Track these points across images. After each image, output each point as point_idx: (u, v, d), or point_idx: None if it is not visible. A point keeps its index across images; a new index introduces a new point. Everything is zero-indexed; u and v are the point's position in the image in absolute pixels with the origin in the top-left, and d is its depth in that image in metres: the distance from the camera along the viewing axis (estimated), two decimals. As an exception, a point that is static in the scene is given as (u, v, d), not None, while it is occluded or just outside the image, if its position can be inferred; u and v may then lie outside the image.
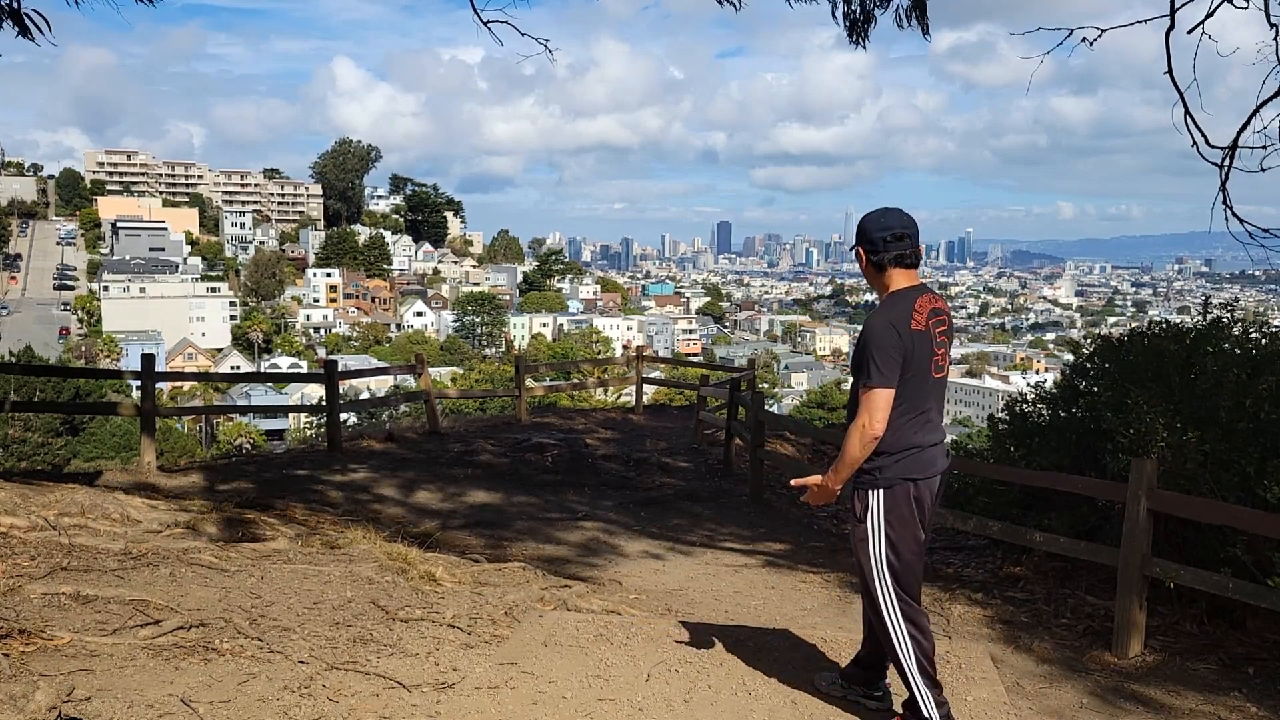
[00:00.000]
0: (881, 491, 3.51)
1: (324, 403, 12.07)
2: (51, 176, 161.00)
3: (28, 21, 6.77)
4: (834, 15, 7.89)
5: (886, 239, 3.50)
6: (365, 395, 21.14)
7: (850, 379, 3.67)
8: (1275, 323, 7.96)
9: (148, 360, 10.69)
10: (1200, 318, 7.14)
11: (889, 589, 3.55)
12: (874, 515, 3.53)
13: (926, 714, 3.54)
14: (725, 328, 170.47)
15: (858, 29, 7.89)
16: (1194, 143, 6.55)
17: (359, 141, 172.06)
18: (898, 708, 3.76)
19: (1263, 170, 6.29)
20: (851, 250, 3.65)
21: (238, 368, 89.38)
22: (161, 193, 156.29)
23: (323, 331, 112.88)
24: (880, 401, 3.39)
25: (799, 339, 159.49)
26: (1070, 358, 8.07)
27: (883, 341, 3.40)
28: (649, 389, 18.05)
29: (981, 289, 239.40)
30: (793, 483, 3.77)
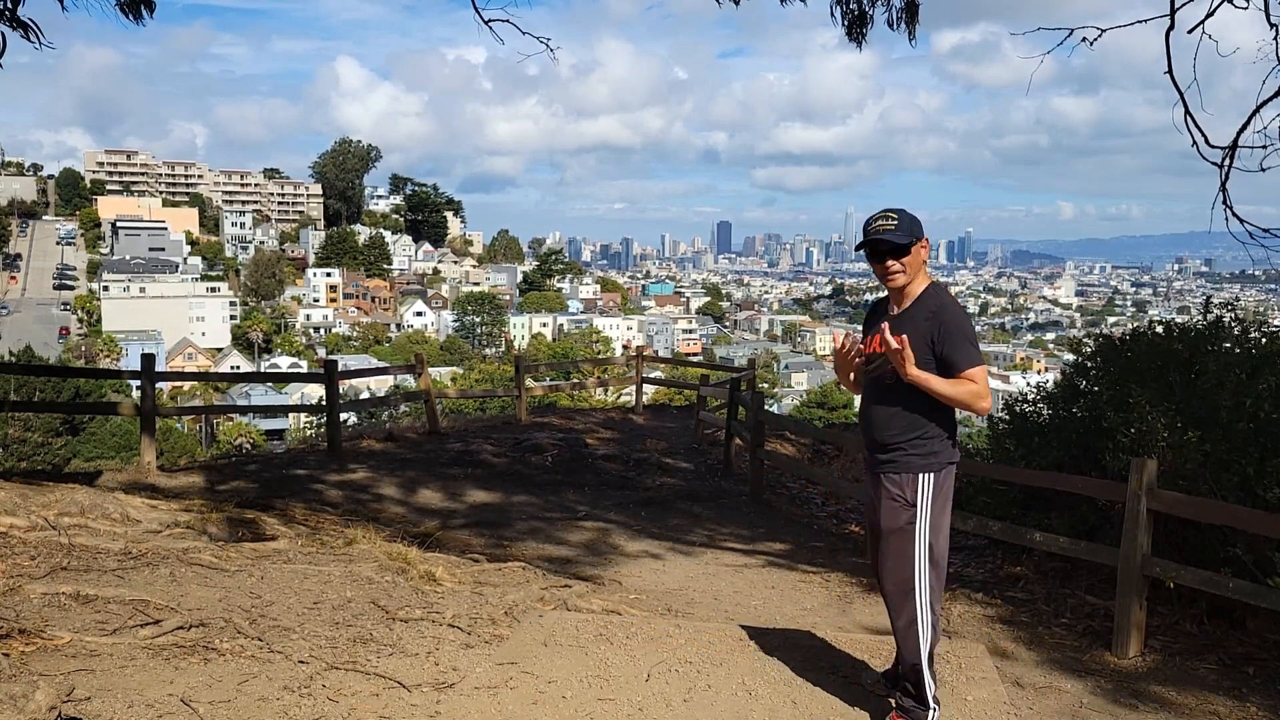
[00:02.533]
0: (934, 475, 3.56)
1: (324, 403, 12.07)
2: (51, 176, 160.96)
3: (26, 27, 6.77)
4: (833, 14, 7.99)
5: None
6: (365, 395, 21.10)
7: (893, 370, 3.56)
8: (1275, 322, 7.96)
9: (148, 360, 10.69)
10: (1201, 317, 7.14)
11: (925, 572, 3.58)
12: (925, 498, 3.56)
13: (932, 693, 3.63)
14: (725, 327, 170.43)
15: (856, 29, 7.96)
16: (1194, 143, 6.57)
17: (359, 141, 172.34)
18: (896, 704, 3.77)
19: (1263, 170, 6.31)
20: (910, 241, 3.56)
21: (238, 368, 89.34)
22: (161, 192, 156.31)
23: (323, 331, 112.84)
24: (986, 380, 3.49)
25: (799, 339, 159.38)
26: (1070, 357, 8.07)
27: (970, 325, 3.51)
28: (649, 389, 18.05)
29: (981, 289, 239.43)
30: (886, 334, 3.47)
